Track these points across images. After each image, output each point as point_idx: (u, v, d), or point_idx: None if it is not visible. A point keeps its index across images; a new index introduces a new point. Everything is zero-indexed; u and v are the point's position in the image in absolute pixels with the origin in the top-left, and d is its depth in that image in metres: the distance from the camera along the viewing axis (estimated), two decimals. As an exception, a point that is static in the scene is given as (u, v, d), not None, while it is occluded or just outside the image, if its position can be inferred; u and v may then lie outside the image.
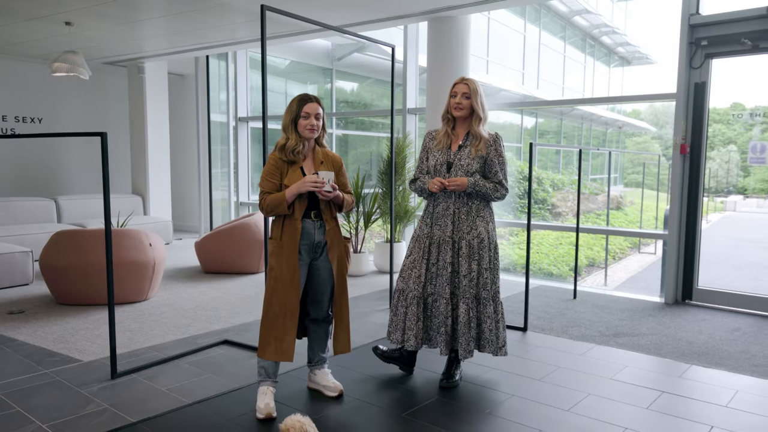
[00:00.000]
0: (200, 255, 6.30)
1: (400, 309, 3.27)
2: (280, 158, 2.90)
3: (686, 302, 5.20)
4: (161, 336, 4.14)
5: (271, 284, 2.90)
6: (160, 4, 5.46)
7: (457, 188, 3.13)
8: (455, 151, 3.24)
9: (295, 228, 2.87)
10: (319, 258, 2.98)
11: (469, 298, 3.18)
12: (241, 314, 4.72)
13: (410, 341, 3.21)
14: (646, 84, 27.72)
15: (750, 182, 9.83)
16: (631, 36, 22.13)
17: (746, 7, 4.61)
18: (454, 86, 3.23)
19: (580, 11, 18.42)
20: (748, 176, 9.60)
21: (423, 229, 3.27)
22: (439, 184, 3.12)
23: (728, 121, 5.80)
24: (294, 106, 2.87)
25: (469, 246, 3.17)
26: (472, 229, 3.19)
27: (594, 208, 11.91)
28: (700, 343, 4.10)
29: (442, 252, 3.19)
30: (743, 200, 10.17)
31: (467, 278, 3.17)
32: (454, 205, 3.20)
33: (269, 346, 2.89)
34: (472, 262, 3.18)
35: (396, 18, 5.74)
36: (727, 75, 5.00)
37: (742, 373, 3.53)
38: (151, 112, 8.54)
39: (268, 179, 2.88)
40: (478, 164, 3.19)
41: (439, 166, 3.23)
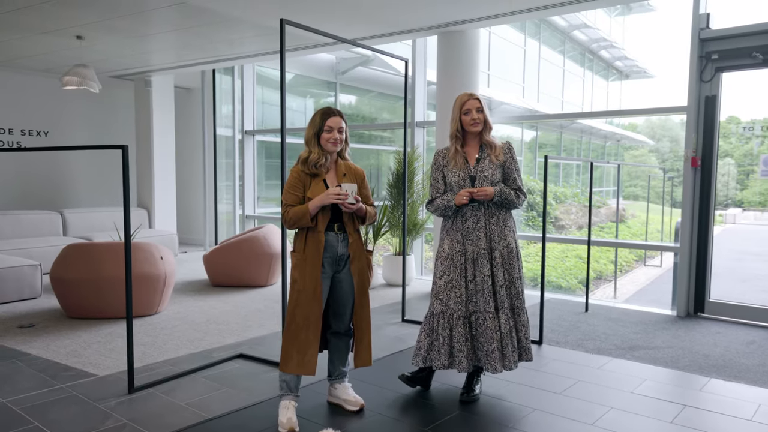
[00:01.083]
0: (208, 268, 6.27)
1: (443, 332, 3.16)
2: (302, 171, 2.90)
3: (698, 315, 5.19)
4: (175, 350, 4.11)
5: (294, 297, 2.87)
6: (171, 19, 5.49)
7: (485, 197, 3.12)
8: (474, 164, 3.24)
9: (318, 241, 2.86)
10: (342, 271, 2.96)
11: (508, 308, 3.19)
12: (254, 328, 4.69)
13: (462, 363, 3.13)
14: (644, 98, 27.95)
15: (747, 195, 9.84)
16: (630, 50, 22.32)
17: (756, 21, 4.66)
18: (465, 104, 3.22)
19: (579, 26, 18.58)
20: (745, 189, 9.62)
21: (455, 247, 3.20)
22: (468, 194, 3.10)
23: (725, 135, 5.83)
24: (317, 120, 2.88)
25: (501, 256, 3.19)
26: (502, 239, 3.20)
27: (597, 221, 11.92)
28: (717, 356, 4.09)
29: (479, 266, 3.16)
30: (742, 213, 10.19)
31: (504, 288, 3.18)
32: (484, 217, 3.20)
33: (291, 360, 2.86)
34: (505, 273, 3.20)
35: (406, 32, 5.78)
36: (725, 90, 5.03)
37: (762, 386, 3.52)
38: (158, 126, 8.55)
39: (291, 192, 2.88)
40: (499, 173, 3.22)
41: (462, 181, 3.21)
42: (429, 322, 3.25)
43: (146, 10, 5.20)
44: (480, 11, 5.10)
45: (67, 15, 5.30)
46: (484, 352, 3.14)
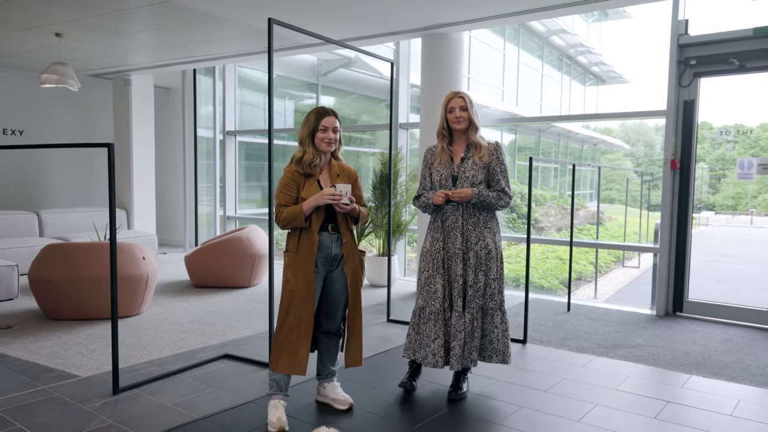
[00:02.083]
0: (190, 269, 6.21)
1: (422, 327, 3.23)
2: (296, 171, 2.89)
3: (677, 314, 5.30)
4: (159, 351, 4.06)
5: (287, 297, 2.86)
6: (153, 17, 5.43)
7: (461, 199, 3.14)
8: (458, 164, 3.26)
9: (312, 241, 2.85)
10: (335, 271, 2.96)
11: (475, 308, 3.19)
12: (238, 328, 4.66)
13: (428, 358, 3.18)
14: (619, 103, 28.40)
15: (719, 199, 10.08)
16: (606, 56, 22.70)
17: (733, 28, 4.78)
18: (449, 102, 3.26)
19: (557, 31, 18.83)
20: (716, 193, 9.86)
21: (435, 244, 3.24)
22: (444, 196, 3.14)
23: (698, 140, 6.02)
24: (312, 119, 2.87)
25: (476, 257, 3.19)
26: (479, 240, 3.21)
27: (576, 223, 12.07)
28: (696, 353, 4.18)
29: (453, 264, 3.20)
30: (714, 216, 10.42)
31: (473, 288, 3.18)
32: (462, 217, 3.21)
33: (282, 360, 2.85)
34: (479, 273, 3.19)
35: (392, 34, 5.80)
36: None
37: (740, 383, 3.60)
38: (137, 125, 8.44)
39: (285, 192, 2.87)
40: (482, 174, 3.21)
41: (444, 180, 3.24)
42: (414, 316, 3.31)
43: (129, 8, 5.14)
44: (464, 14, 5.15)
45: (46, 12, 5.21)
46: (464, 349, 3.18)
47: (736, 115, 5.84)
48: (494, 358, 3.26)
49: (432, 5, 4.90)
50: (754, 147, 12.35)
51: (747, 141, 7.96)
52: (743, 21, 4.77)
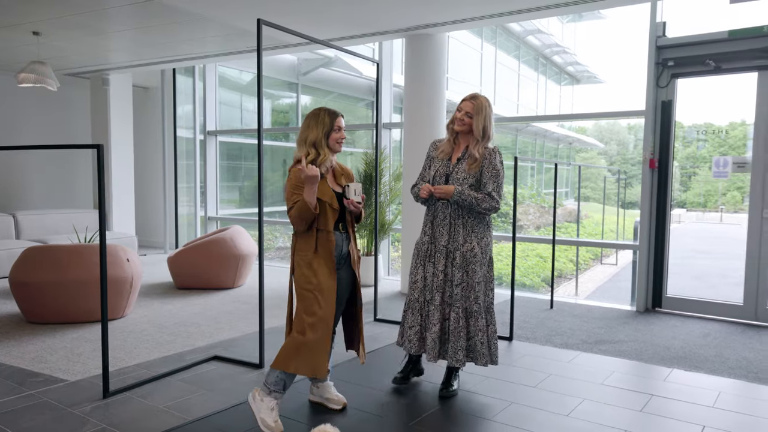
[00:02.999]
0: (173, 270, 6.15)
1: (406, 315, 3.41)
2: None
3: (656, 310, 5.43)
4: (146, 353, 4.03)
5: (311, 297, 2.83)
6: (134, 16, 5.36)
7: (442, 195, 3.19)
8: (454, 163, 3.30)
9: (330, 240, 2.85)
10: (342, 269, 3.00)
11: (459, 308, 3.23)
12: (225, 330, 4.64)
13: (406, 344, 3.36)
14: (594, 102, 28.86)
15: (690, 196, 10.32)
16: (581, 56, 23.04)
17: (710, 31, 4.92)
18: (462, 102, 3.29)
19: (533, 31, 19.05)
20: (687, 191, 10.10)
21: (423, 237, 3.36)
22: (427, 191, 3.21)
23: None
24: (327, 120, 2.87)
25: (462, 257, 3.23)
26: (466, 242, 3.25)
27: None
28: (677, 348, 4.29)
29: (437, 260, 3.27)
30: (686, 213, 10.68)
31: (459, 287, 3.23)
32: (450, 216, 3.26)
33: (301, 360, 2.80)
34: (463, 273, 3.24)
35: (376, 34, 5.83)
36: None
37: (720, 376, 3.72)
38: (115, 125, 8.32)
39: (297, 192, 2.80)
40: (473, 178, 3.24)
41: (439, 176, 3.30)
42: (404, 307, 3.45)
43: (110, 7, 5.08)
44: (448, 15, 5.20)
45: (24, 10, 5.12)
46: (448, 346, 3.26)
47: (705, 115, 6.00)
48: (481, 360, 3.28)
49: (416, 6, 4.94)
50: (723, 146, 12.65)
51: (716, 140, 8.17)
52: (719, 23, 4.92)
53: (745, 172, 5.03)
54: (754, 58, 4.80)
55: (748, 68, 4.87)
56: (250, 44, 6.51)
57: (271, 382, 2.85)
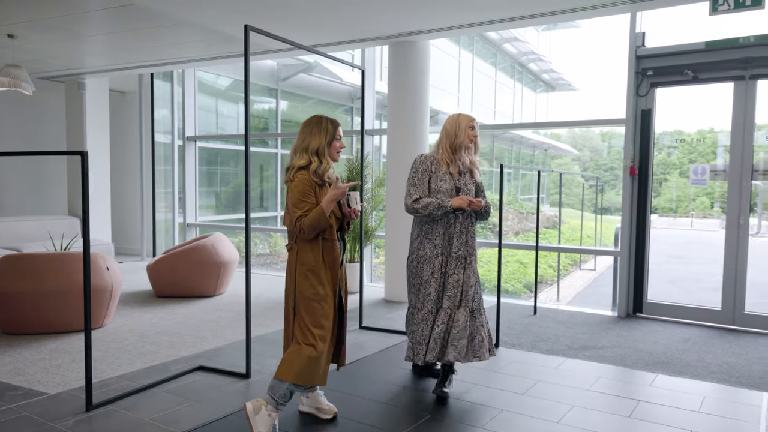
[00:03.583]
0: (153, 278, 6.04)
1: (416, 329, 3.42)
2: (312, 180, 2.83)
3: (637, 315, 5.51)
4: (129, 364, 3.94)
5: (319, 307, 2.81)
6: (113, 19, 5.27)
7: (476, 207, 3.39)
8: (458, 177, 3.46)
9: (335, 249, 2.88)
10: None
11: (469, 309, 3.41)
12: (209, 339, 4.57)
13: (420, 354, 3.40)
14: (568, 109, 29.32)
15: (661, 202, 10.53)
16: (556, 64, 23.39)
17: (688, 41, 5.03)
18: (471, 121, 3.44)
19: (509, 39, 19.27)
20: (658, 196, 10.30)
21: (434, 250, 3.39)
22: (468, 202, 3.32)
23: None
24: (330, 128, 2.87)
25: (474, 261, 3.48)
26: (475, 248, 3.49)
27: (532, 227, 12.38)
28: (660, 353, 4.36)
29: (452, 267, 3.40)
30: (658, 218, 10.89)
31: (472, 289, 3.43)
32: (464, 225, 3.43)
33: (310, 371, 2.78)
34: (473, 276, 3.47)
35: (360, 41, 5.83)
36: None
37: (704, 380, 3.78)
38: (91, 130, 8.16)
39: (306, 200, 2.76)
40: (473, 188, 3.51)
41: (450, 190, 3.41)
42: (409, 321, 3.52)
43: (89, 11, 4.98)
44: (432, 23, 5.23)
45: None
46: (455, 345, 3.32)
47: (675, 122, 6.13)
48: (485, 355, 3.43)
49: (400, 14, 4.95)
50: (693, 152, 12.91)
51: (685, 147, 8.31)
52: (697, 35, 5.03)
53: (722, 180, 5.15)
54: (730, 68, 4.93)
55: (724, 78, 4.99)
56: (232, 50, 6.45)
57: (279, 395, 2.79)
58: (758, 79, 4.88)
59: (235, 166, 10.53)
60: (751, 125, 4.95)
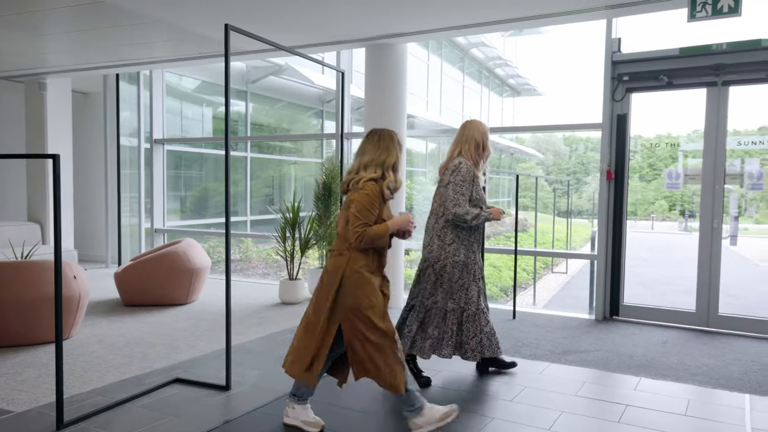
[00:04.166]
0: (121, 286, 5.81)
1: (451, 326, 3.67)
2: (382, 194, 2.89)
3: (614, 318, 5.55)
4: (99, 378, 3.75)
5: (382, 313, 2.85)
6: (76, 17, 5.05)
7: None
8: (481, 185, 3.76)
9: (384, 258, 2.97)
10: None
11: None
12: (184, 349, 4.40)
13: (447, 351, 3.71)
14: (533, 114, 29.79)
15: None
16: (522, 69, 23.73)
17: (663, 47, 5.11)
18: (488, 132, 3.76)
19: (477, 44, 19.45)
20: (622, 200, 10.50)
21: (473, 257, 3.67)
22: (500, 214, 3.73)
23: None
24: (398, 149, 2.97)
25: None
26: None
27: (503, 231, 12.46)
28: (640, 356, 4.38)
29: (482, 271, 3.90)
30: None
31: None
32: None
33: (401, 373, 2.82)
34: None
35: (336, 43, 5.74)
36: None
37: (686, 383, 3.81)
38: (53, 132, 7.84)
39: (371, 210, 2.80)
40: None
41: (484, 199, 3.73)
42: (446, 318, 3.67)
43: (54, 8, 4.76)
44: (409, 26, 5.18)
45: (-43, 7, 4.74)
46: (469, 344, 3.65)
47: (635, 128, 6.23)
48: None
49: (377, 16, 4.89)
50: (652, 157, 13.24)
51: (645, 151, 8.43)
52: (672, 41, 5.11)
53: (696, 184, 5.24)
54: (703, 75, 5.02)
55: (697, 84, 5.08)
56: (203, 50, 6.28)
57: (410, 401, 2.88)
58: (730, 86, 4.98)
59: (200, 169, 10.28)
60: (723, 130, 5.05)
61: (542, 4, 4.58)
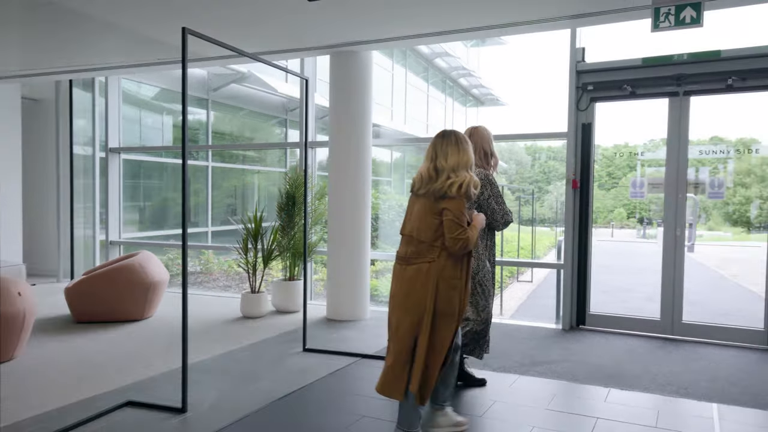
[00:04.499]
0: (72, 301, 5.52)
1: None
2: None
3: (580, 327, 5.54)
4: (44, 403, 3.49)
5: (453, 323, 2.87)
6: (24, 19, 4.80)
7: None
8: None
9: (471, 263, 2.94)
10: None
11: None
12: (138, 369, 4.16)
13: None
14: (497, 124, 30.08)
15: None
16: (485, 79, 23.99)
17: (627, 57, 5.15)
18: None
19: (440, 53, 19.56)
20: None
21: (488, 266, 3.72)
22: None
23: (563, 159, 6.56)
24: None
25: None
26: None
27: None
28: (608, 366, 4.35)
29: None
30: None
31: None
32: None
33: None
34: None
35: (301, 50, 5.62)
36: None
37: (653, 393, 3.79)
38: (0, 140, 7.46)
39: (465, 215, 2.82)
40: None
41: None
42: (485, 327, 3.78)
43: (1, 7, 4.50)
44: (376, 33, 5.10)
45: None
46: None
47: (619, 137, 6.29)
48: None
49: (340, 22, 4.79)
50: (610, 166, 13.48)
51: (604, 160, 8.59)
52: (635, 51, 5.16)
53: (659, 193, 5.28)
54: (665, 84, 5.07)
55: (660, 94, 5.13)
56: (161, 56, 6.07)
57: (441, 400, 3.06)
58: (691, 95, 5.04)
59: (160, 179, 9.97)
60: (685, 140, 5.10)
61: (507, 13, 4.56)
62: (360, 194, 5.70)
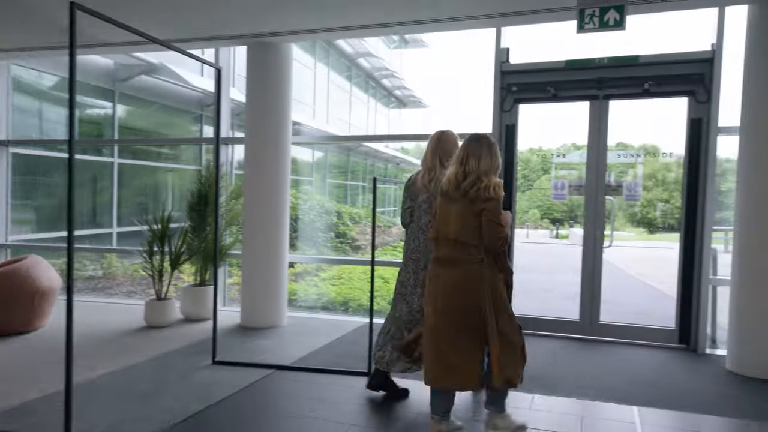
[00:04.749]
0: (-55, 314, 4.85)
1: None
2: None
3: (503, 330, 5.48)
4: None
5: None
6: None
7: None
8: None
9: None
10: None
11: None
12: (15, 392, 3.64)
13: None
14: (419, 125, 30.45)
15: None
16: (408, 81, 24.12)
17: (550, 59, 5.14)
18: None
19: (364, 54, 19.44)
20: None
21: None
22: None
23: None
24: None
25: None
26: None
27: (390, 241, 12.35)
28: (531, 368, 4.23)
29: None
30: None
31: None
32: None
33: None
34: None
35: (214, 39, 5.23)
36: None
37: (576, 398, 3.74)
38: None
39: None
40: None
41: None
42: None
43: None
44: (294, 24, 4.82)
45: None
46: None
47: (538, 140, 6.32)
48: None
49: (259, 10, 4.47)
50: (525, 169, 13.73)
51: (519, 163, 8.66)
52: (559, 53, 5.17)
53: (579, 195, 5.32)
54: (587, 88, 5.10)
55: (581, 97, 5.16)
56: (52, 40, 5.47)
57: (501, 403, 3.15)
58: (610, 99, 5.10)
59: (61, 176, 9.16)
60: (605, 143, 5.16)
61: (433, 9, 4.41)
62: (278, 193, 5.39)
